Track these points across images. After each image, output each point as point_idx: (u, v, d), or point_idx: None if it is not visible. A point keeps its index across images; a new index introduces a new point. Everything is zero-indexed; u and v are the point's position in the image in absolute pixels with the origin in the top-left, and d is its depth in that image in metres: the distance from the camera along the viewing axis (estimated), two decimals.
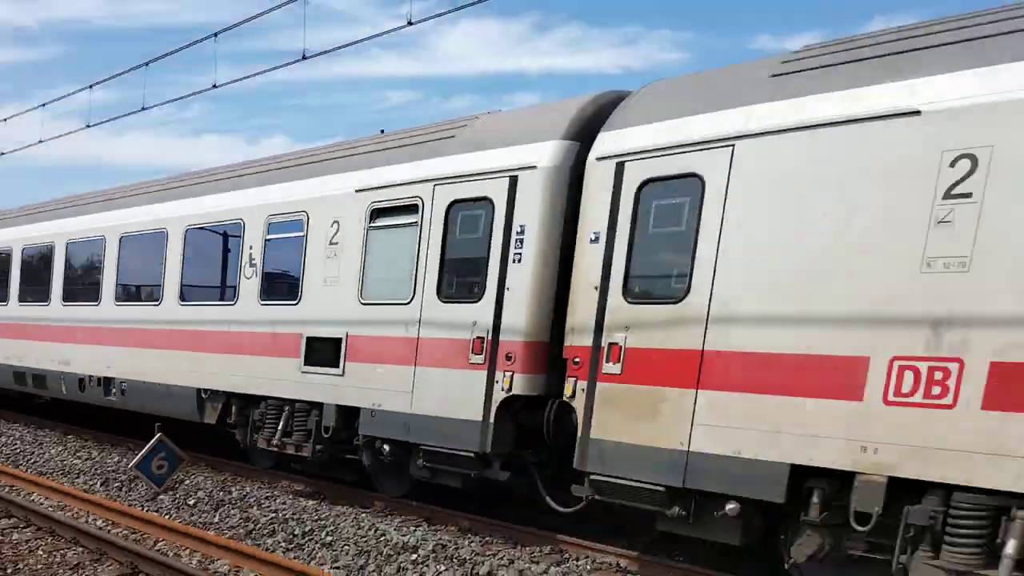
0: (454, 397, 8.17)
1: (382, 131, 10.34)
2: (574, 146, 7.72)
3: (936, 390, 5.47)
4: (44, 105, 19.60)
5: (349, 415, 9.36)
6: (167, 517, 9.25)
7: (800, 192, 6.08)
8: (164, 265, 12.08)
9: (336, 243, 9.54)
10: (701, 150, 6.65)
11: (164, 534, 8.60)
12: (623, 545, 8.04)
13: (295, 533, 8.62)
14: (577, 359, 7.27)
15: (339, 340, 9.38)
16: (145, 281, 12.88)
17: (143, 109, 16.55)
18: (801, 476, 6.04)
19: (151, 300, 12.49)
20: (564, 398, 7.38)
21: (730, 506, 6.34)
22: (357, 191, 9.41)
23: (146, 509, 9.64)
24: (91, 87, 17.36)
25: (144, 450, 10.27)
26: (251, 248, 10.65)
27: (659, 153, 6.90)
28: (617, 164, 7.13)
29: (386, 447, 8.98)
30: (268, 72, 13.92)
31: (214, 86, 14.53)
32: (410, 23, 8.82)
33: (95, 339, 13.50)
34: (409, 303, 8.66)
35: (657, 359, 6.79)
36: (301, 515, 9.18)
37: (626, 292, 6.99)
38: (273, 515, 9.23)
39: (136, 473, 10.36)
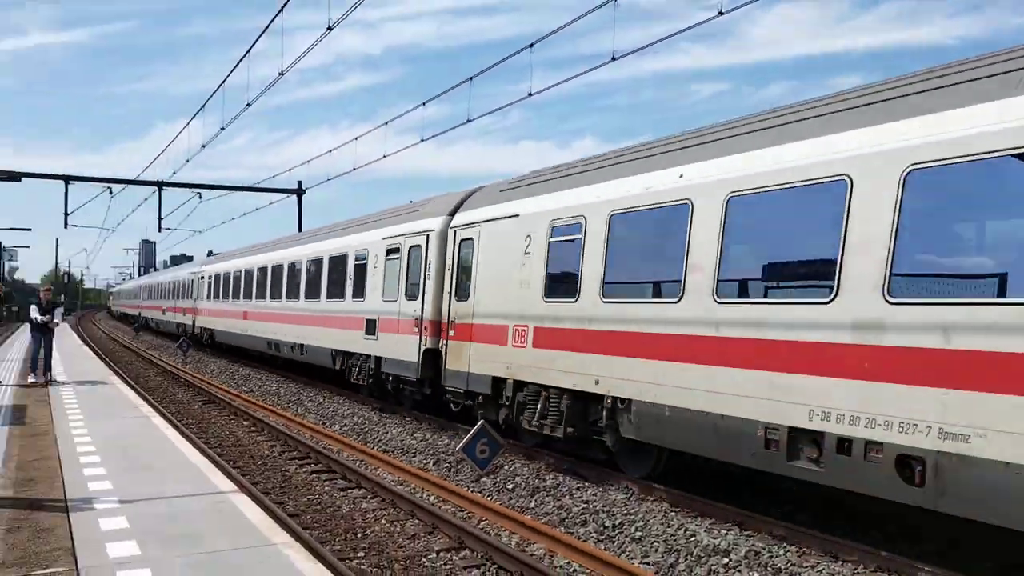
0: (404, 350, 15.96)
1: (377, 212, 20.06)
2: (448, 220, 15.02)
3: (520, 340, 12.08)
4: (387, 123, 22.09)
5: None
6: (489, 499, 9.93)
7: (500, 248, 12.87)
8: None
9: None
10: (475, 226, 13.81)
11: (486, 514, 9.24)
12: (959, 567, 7.20)
13: (606, 525, 8.83)
14: (442, 329, 14.56)
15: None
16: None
17: (468, 121, 18.05)
18: (499, 382, 12.65)
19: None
20: (439, 347, 14.70)
21: (481, 396, 13.24)
22: (383, 238, 17.69)
23: (471, 490, 10.43)
24: (424, 104, 19.24)
25: (469, 435, 11.15)
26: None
27: (463, 227, 14.23)
28: (453, 231, 14.59)
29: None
30: (579, 76, 14.43)
31: (530, 94, 15.38)
32: (721, 13, 8.64)
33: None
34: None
35: (462, 328, 13.80)
36: (611, 508, 9.38)
37: (454, 296, 14.23)
38: (584, 505, 9.53)
39: (462, 455, 11.26)
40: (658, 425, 9.49)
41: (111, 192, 34.25)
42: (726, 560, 7.62)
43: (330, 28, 13.70)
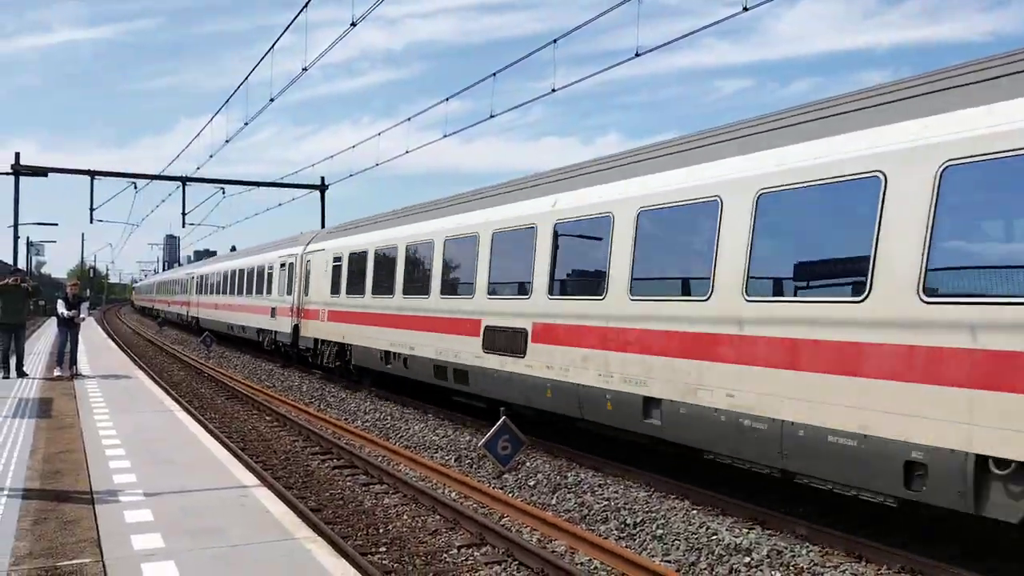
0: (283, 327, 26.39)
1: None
2: (304, 248, 24.46)
3: (323, 317, 22.60)
4: (409, 119, 22.10)
5: None
6: (510, 495, 9.93)
7: (317, 266, 23.56)
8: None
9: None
10: (309, 254, 24.31)
11: (508, 510, 9.24)
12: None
13: (627, 522, 8.80)
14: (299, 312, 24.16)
15: None
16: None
17: (491, 117, 18.02)
18: (316, 341, 23.04)
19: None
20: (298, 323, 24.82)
21: (308, 349, 23.93)
22: (278, 257, 28.00)
23: (492, 486, 10.43)
24: (447, 99, 19.24)
25: (491, 431, 11.16)
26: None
27: (306, 254, 24.23)
28: (303, 255, 24.42)
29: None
30: (602, 73, 14.37)
31: (553, 90, 15.33)
32: (745, 9, 8.56)
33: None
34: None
35: (305, 312, 23.76)
36: (632, 505, 9.35)
37: (302, 292, 23.86)
38: (606, 503, 9.51)
39: (484, 452, 11.27)
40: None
41: (135, 187, 34.57)
42: (748, 559, 7.57)
43: (353, 24, 13.73)
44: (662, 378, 9.46)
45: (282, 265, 26.43)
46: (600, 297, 10.57)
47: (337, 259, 21.08)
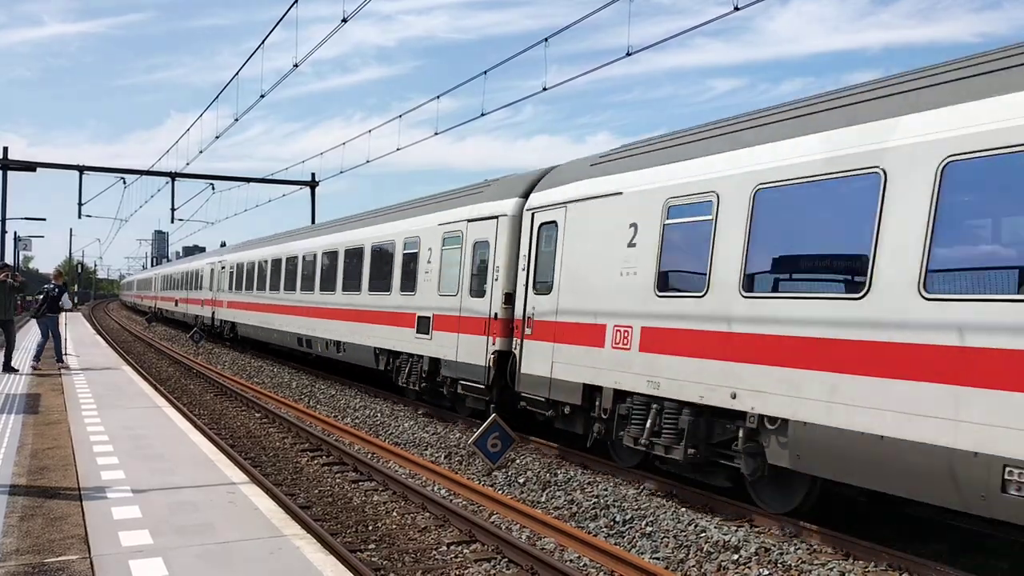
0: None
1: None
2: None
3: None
4: (400, 116, 22.06)
5: None
6: (500, 492, 9.94)
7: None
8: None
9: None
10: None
11: (497, 508, 9.25)
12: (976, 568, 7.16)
13: (616, 520, 8.82)
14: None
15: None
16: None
17: (482, 115, 18.00)
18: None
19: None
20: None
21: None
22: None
23: (482, 483, 10.43)
24: (439, 97, 19.22)
25: (481, 429, 11.16)
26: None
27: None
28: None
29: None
30: (594, 71, 14.38)
31: (544, 89, 15.33)
32: (736, 8, 8.58)
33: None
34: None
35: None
36: (622, 503, 9.37)
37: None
38: (595, 500, 9.53)
39: (474, 449, 11.26)
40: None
41: (124, 182, 34.41)
42: (736, 556, 7.60)
43: (344, 20, 13.69)
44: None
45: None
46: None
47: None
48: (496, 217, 13.57)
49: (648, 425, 9.61)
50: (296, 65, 16.58)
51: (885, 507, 8.78)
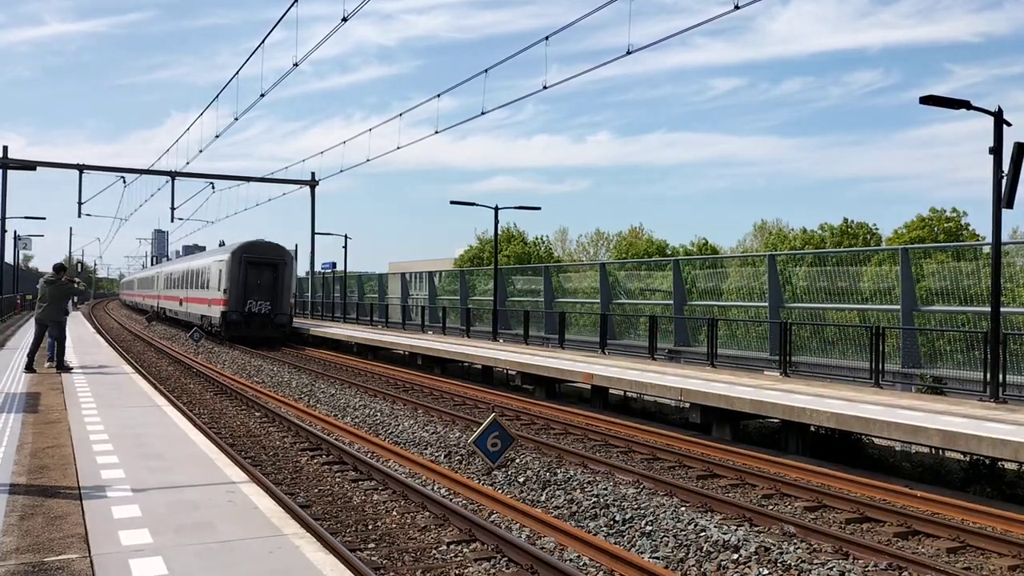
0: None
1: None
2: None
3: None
4: (401, 115, 22.10)
5: None
6: (500, 492, 9.93)
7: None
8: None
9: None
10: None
11: (497, 507, 9.25)
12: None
13: (616, 519, 8.82)
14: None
15: None
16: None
17: (482, 113, 18.06)
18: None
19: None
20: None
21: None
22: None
23: (482, 483, 10.43)
24: (439, 96, 19.28)
25: (481, 428, 11.16)
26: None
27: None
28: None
29: None
30: (594, 70, 14.38)
31: (544, 87, 15.36)
32: (736, 7, 8.59)
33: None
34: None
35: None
36: (621, 503, 9.37)
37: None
38: (595, 499, 9.53)
39: (474, 448, 11.27)
40: None
41: (124, 182, 34.46)
42: (736, 555, 7.60)
43: (344, 19, 13.70)
44: None
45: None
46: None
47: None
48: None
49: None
50: (296, 64, 16.61)
51: (883, 508, 8.74)
